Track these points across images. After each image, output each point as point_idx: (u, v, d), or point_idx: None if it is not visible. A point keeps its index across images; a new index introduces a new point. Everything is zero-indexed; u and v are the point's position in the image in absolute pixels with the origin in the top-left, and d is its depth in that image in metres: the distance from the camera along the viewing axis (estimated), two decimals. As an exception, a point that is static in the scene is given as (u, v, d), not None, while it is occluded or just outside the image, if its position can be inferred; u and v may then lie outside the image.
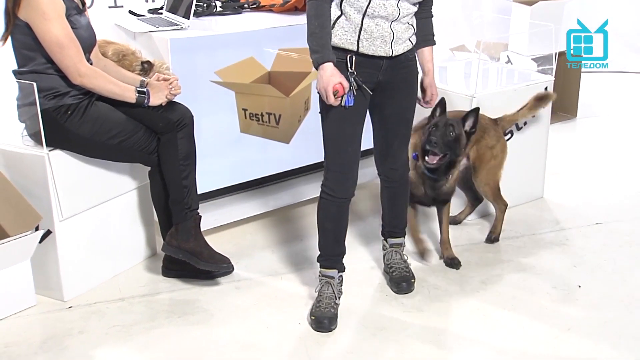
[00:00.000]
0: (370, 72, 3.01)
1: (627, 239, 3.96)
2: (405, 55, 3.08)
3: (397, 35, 2.97)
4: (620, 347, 3.01)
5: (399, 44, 3.01)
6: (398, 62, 3.06)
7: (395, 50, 3.00)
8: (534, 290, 3.44)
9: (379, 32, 2.93)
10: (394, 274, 3.43)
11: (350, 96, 2.95)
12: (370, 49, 2.95)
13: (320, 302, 3.18)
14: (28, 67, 3.12)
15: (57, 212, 3.23)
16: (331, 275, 3.23)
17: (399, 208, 3.46)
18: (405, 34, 3.01)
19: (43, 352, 2.99)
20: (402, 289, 3.39)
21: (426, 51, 3.22)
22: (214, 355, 2.97)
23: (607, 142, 5.61)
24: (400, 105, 3.18)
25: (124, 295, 3.40)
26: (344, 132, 3.06)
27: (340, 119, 3.02)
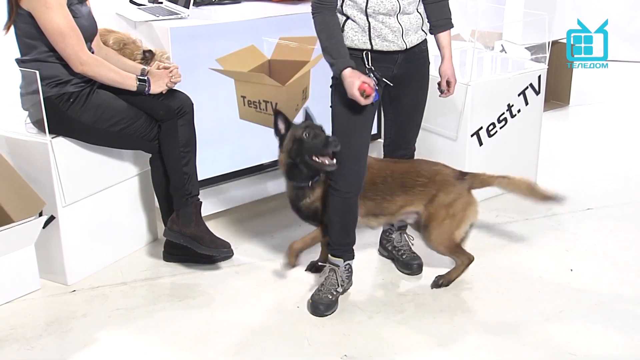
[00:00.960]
0: (386, 67, 3.00)
1: (618, 223, 3.97)
2: (419, 47, 3.06)
3: (406, 27, 2.94)
4: (610, 328, 3.03)
5: (411, 35, 2.98)
6: (412, 54, 3.04)
7: (409, 42, 2.98)
8: (526, 274, 3.46)
9: (389, 28, 2.91)
10: (403, 256, 3.45)
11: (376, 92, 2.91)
12: (384, 45, 2.94)
13: (322, 287, 3.19)
14: (30, 56, 3.12)
15: (60, 198, 3.24)
16: (336, 264, 3.22)
17: None
18: (415, 23, 2.98)
19: (47, 334, 3.00)
20: (414, 270, 3.41)
21: (442, 36, 3.14)
22: (214, 338, 2.98)
23: (599, 130, 5.62)
24: (415, 96, 3.17)
25: (126, 280, 3.41)
26: (354, 125, 3.03)
27: (352, 113, 2.99)
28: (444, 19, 3.12)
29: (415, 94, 3.17)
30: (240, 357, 2.86)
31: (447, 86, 3.21)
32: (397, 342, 2.96)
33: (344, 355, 2.86)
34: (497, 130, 4.12)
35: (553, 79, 5.50)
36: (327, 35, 2.91)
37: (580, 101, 6.13)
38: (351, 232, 3.21)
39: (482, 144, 4.08)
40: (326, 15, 2.90)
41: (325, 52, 2.92)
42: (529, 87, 4.20)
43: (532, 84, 4.21)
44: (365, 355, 2.86)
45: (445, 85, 3.21)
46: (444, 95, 3.24)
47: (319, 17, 2.91)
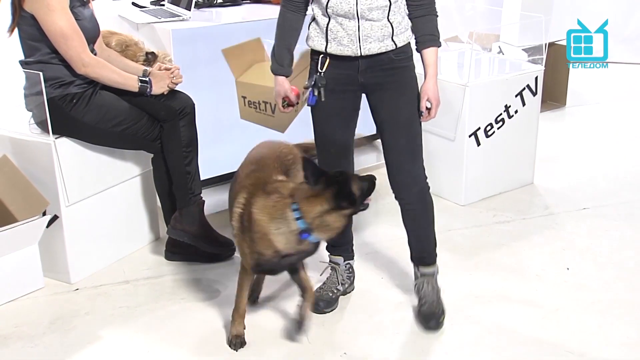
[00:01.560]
0: (348, 74, 2.84)
1: (614, 222, 3.98)
2: (389, 57, 2.80)
3: (366, 33, 2.74)
4: (606, 326, 3.03)
5: (371, 43, 2.76)
6: (379, 62, 2.81)
7: (367, 49, 2.76)
8: (524, 273, 3.46)
9: (345, 31, 2.75)
10: (423, 307, 3.03)
11: (313, 95, 2.86)
12: (338, 49, 2.78)
13: (323, 285, 3.19)
14: (34, 58, 3.12)
15: (63, 198, 3.24)
16: (336, 262, 3.20)
17: (424, 230, 3.04)
18: (378, 32, 2.74)
19: (51, 332, 3.00)
20: (431, 327, 2.99)
21: (424, 53, 2.85)
22: (216, 335, 2.97)
23: (595, 130, 5.62)
24: (394, 110, 2.88)
25: (128, 278, 3.41)
26: (323, 133, 2.98)
27: (319, 121, 2.97)
28: (427, 35, 2.84)
29: (394, 109, 2.87)
30: (242, 354, 2.86)
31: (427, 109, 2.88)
32: (396, 340, 2.96)
33: (343, 353, 2.86)
34: (495, 131, 4.12)
35: (550, 80, 5.48)
36: (279, 34, 2.91)
37: (577, 102, 6.13)
38: (347, 233, 3.13)
39: (479, 144, 4.08)
40: (287, 12, 2.88)
41: (273, 47, 2.93)
42: (526, 88, 4.21)
43: (529, 85, 4.22)
44: (364, 354, 2.86)
45: (424, 106, 2.87)
46: (423, 118, 2.90)
47: (281, 12, 2.90)
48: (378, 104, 2.91)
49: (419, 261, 3.10)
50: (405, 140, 2.91)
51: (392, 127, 2.91)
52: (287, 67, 2.93)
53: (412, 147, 2.92)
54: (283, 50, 2.90)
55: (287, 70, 2.93)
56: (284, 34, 2.90)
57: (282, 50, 2.91)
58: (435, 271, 3.10)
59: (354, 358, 2.83)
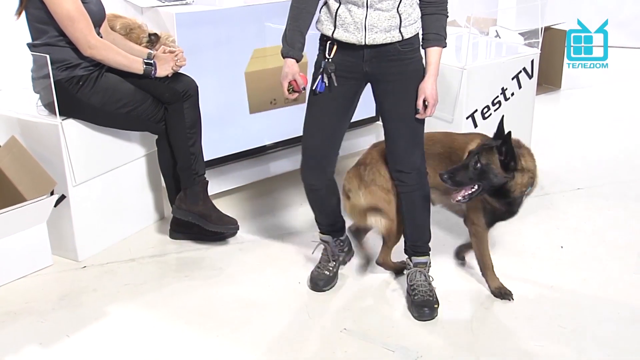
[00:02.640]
0: (353, 62, 2.79)
1: (606, 202, 3.99)
2: (395, 47, 2.76)
3: (372, 22, 2.69)
4: (598, 302, 3.05)
5: (376, 33, 2.71)
6: (385, 53, 2.77)
7: (371, 39, 2.71)
8: (519, 251, 3.47)
9: (352, 18, 2.70)
10: (415, 297, 2.97)
11: (322, 82, 2.80)
12: (344, 35, 2.73)
13: (319, 265, 3.19)
14: (41, 40, 3.11)
15: (70, 178, 3.24)
16: (326, 240, 3.17)
17: (421, 217, 3.02)
18: (384, 22, 2.70)
19: (60, 308, 3.02)
20: (424, 315, 2.93)
21: (427, 52, 2.80)
22: (219, 311, 2.99)
23: (589, 112, 5.62)
24: (398, 100, 2.85)
25: (134, 256, 3.42)
26: (314, 117, 2.90)
27: (313, 104, 2.89)
28: (432, 34, 2.79)
29: (398, 99, 2.84)
30: (244, 330, 2.88)
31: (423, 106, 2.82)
32: (394, 315, 2.98)
33: (343, 328, 2.87)
34: (492, 113, 4.12)
35: (545, 63, 5.48)
36: (293, 15, 2.81)
37: (572, 85, 6.11)
38: (331, 215, 3.11)
39: (476, 126, 4.07)
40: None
41: (285, 29, 2.84)
42: (522, 71, 4.20)
43: (525, 68, 4.21)
44: (363, 329, 2.88)
45: (420, 104, 2.81)
46: (419, 115, 2.83)
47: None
48: (382, 95, 2.88)
49: (413, 250, 3.06)
50: (407, 130, 2.89)
51: (395, 118, 2.88)
52: (298, 50, 2.81)
53: (413, 136, 2.90)
54: (295, 32, 2.81)
55: (298, 53, 2.81)
56: (297, 15, 2.80)
57: (294, 32, 2.81)
58: (428, 262, 3.06)
59: (354, 333, 2.85)
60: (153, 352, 2.75)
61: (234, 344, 2.79)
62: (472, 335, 2.85)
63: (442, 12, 2.80)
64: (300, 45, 2.82)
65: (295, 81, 2.83)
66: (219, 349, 2.76)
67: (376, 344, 2.78)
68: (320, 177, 2.98)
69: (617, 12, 7.23)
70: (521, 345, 2.78)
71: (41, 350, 2.76)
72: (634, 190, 4.16)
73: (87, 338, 2.84)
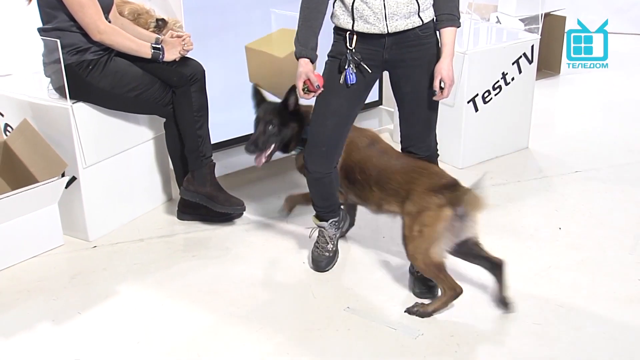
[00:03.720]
0: (373, 50, 2.76)
1: (603, 185, 3.99)
2: (415, 33, 2.73)
3: (392, 10, 2.66)
4: (595, 283, 3.06)
5: (397, 20, 2.68)
6: (405, 39, 2.73)
7: (393, 27, 2.69)
8: (519, 232, 3.48)
9: (371, 9, 2.67)
10: (418, 273, 2.95)
11: (351, 74, 2.76)
12: (365, 27, 2.70)
13: (318, 245, 3.18)
14: (52, 25, 3.10)
15: (80, 160, 3.25)
16: (322, 225, 3.15)
17: None
18: (404, 8, 2.67)
19: (71, 286, 3.04)
20: (424, 292, 2.94)
21: (442, 32, 2.76)
22: (225, 290, 3.01)
23: (587, 97, 5.60)
24: (417, 85, 2.82)
25: (143, 236, 3.44)
26: (327, 106, 2.84)
27: (329, 92, 2.82)
28: (445, 14, 2.75)
29: (417, 84, 2.82)
30: (250, 308, 2.89)
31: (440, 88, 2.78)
32: (396, 295, 2.98)
33: (346, 307, 2.89)
34: (492, 97, 4.11)
35: (545, 49, 5.46)
36: (305, 16, 2.78)
37: (570, 70, 6.09)
38: (329, 198, 3.07)
39: (477, 110, 4.07)
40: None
41: (297, 31, 2.81)
42: (523, 57, 4.19)
43: (525, 53, 4.20)
44: (366, 308, 2.89)
45: (437, 85, 2.77)
46: (436, 97, 2.80)
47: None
48: (402, 80, 2.84)
49: None
50: (424, 114, 2.88)
51: (414, 102, 2.86)
52: (311, 50, 2.78)
53: (429, 120, 2.92)
54: (308, 33, 2.78)
55: (311, 53, 2.78)
56: (309, 15, 2.78)
57: (307, 33, 2.78)
58: None
59: (356, 311, 2.86)
60: (161, 329, 2.77)
61: (240, 321, 2.81)
62: (471, 314, 2.86)
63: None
64: (314, 45, 2.80)
65: (310, 80, 2.78)
66: (226, 326, 2.78)
67: (378, 322, 2.80)
68: (326, 166, 2.93)
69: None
70: (520, 322, 2.79)
71: (54, 326, 2.78)
72: (631, 173, 4.15)
73: (98, 315, 2.86)
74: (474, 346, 2.68)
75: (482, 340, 2.71)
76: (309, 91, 2.81)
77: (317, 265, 3.15)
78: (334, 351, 2.65)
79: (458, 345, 2.67)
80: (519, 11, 5.17)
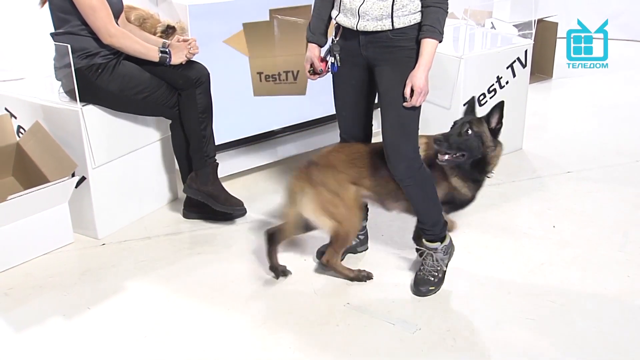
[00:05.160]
0: (353, 45, 2.79)
1: (594, 185, 4.00)
2: (386, 35, 2.70)
3: (364, 10, 2.67)
4: (587, 279, 3.07)
5: (367, 20, 2.69)
6: (377, 39, 2.72)
7: (362, 26, 2.70)
8: (513, 230, 3.48)
9: (350, 4, 2.71)
10: (418, 273, 2.99)
11: (332, 63, 2.86)
12: (343, 19, 2.76)
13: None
14: (64, 29, 3.12)
15: (90, 161, 3.26)
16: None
17: (419, 205, 2.91)
18: (377, 10, 2.66)
19: (81, 282, 3.05)
20: (418, 292, 2.95)
21: (421, 43, 2.69)
22: (229, 287, 3.02)
23: (579, 100, 5.61)
24: (385, 87, 2.77)
25: (150, 234, 3.45)
26: (337, 99, 2.97)
27: (335, 86, 2.96)
28: (426, 25, 2.67)
29: (386, 85, 2.76)
30: (253, 303, 2.91)
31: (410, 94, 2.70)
32: (396, 291, 2.99)
33: (347, 303, 2.90)
34: (487, 100, 4.12)
35: (538, 53, 5.47)
36: (315, 5, 2.90)
37: (563, 74, 6.10)
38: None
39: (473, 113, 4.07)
40: None
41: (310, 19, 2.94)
42: (517, 61, 4.20)
43: (519, 57, 4.21)
44: (365, 304, 2.90)
45: (407, 92, 2.69)
46: (405, 103, 2.71)
47: None
48: (377, 79, 2.82)
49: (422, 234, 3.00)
50: (394, 116, 2.76)
51: (385, 103, 2.80)
52: (319, 36, 2.90)
53: (402, 124, 2.76)
54: (318, 20, 2.89)
55: (319, 38, 2.90)
56: (317, 2, 2.89)
57: (316, 20, 2.90)
58: (439, 248, 2.98)
59: (356, 308, 2.87)
60: (167, 323, 2.78)
61: (243, 316, 2.82)
62: (468, 310, 2.87)
63: (438, 5, 2.67)
64: (322, 31, 2.90)
65: (314, 64, 2.92)
66: (229, 321, 2.79)
67: (378, 318, 2.81)
68: None
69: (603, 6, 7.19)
70: (514, 318, 2.80)
71: (64, 320, 2.80)
72: (620, 173, 4.16)
73: (107, 310, 2.87)
74: (469, 340, 2.69)
75: (477, 334, 2.72)
76: (314, 73, 2.95)
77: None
78: (335, 345, 2.66)
79: (454, 339, 2.68)
80: (513, 17, 5.18)
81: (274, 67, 3.98)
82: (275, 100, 4.03)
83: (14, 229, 3.10)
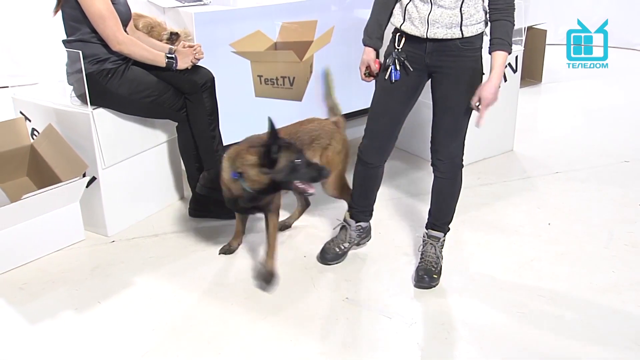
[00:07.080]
0: (417, 53, 2.76)
1: (582, 185, 4.01)
2: (455, 44, 2.70)
3: (434, 18, 2.66)
4: (575, 274, 3.08)
5: (438, 28, 2.67)
6: (445, 47, 2.71)
7: (432, 33, 2.68)
8: (504, 228, 3.49)
9: (418, 13, 2.68)
10: (420, 264, 3.02)
11: (395, 71, 2.79)
12: (410, 28, 2.72)
13: (334, 239, 3.18)
14: (75, 36, 3.12)
15: (100, 161, 3.26)
16: (348, 223, 3.16)
17: (443, 203, 3.02)
18: (447, 19, 2.65)
19: (92, 277, 3.06)
20: (423, 281, 2.96)
21: (492, 56, 2.71)
22: (233, 282, 3.03)
23: (567, 104, 5.62)
24: (445, 93, 2.79)
25: (157, 232, 3.45)
26: (379, 102, 2.90)
27: (380, 90, 2.89)
28: (496, 39, 2.68)
29: (445, 92, 2.79)
30: (256, 298, 2.91)
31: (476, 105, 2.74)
32: (391, 287, 3.00)
33: (345, 297, 2.90)
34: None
35: (528, 59, 5.49)
36: (373, 10, 2.88)
37: (551, 79, 6.11)
38: (369, 197, 3.12)
39: (466, 116, 4.08)
40: None
41: (367, 23, 2.90)
42: (507, 66, 4.20)
43: (510, 63, 4.21)
44: (363, 298, 2.91)
45: (474, 103, 2.74)
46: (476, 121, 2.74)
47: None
48: (436, 85, 2.82)
49: (431, 226, 3.07)
50: (450, 122, 2.83)
51: (442, 108, 2.83)
52: (375, 40, 2.87)
53: (454, 129, 2.84)
54: (374, 24, 2.87)
55: (375, 42, 2.87)
56: (378, 9, 2.86)
57: (373, 24, 2.87)
58: (442, 239, 3.06)
59: (354, 302, 2.88)
60: (174, 317, 2.79)
61: (247, 310, 2.82)
62: (461, 304, 2.88)
63: (506, 19, 2.69)
64: (378, 35, 2.88)
65: (370, 67, 2.90)
66: (233, 315, 2.79)
67: (375, 312, 2.81)
68: (380, 157, 2.99)
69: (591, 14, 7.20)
70: (505, 312, 2.81)
71: (76, 314, 2.80)
72: (606, 173, 4.17)
73: (116, 304, 2.88)
74: (462, 333, 2.70)
75: (470, 327, 2.73)
76: (369, 75, 2.93)
77: (323, 258, 3.14)
78: (334, 338, 2.66)
79: (448, 332, 2.69)
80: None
81: (273, 72, 3.99)
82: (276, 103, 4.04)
83: (28, 226, 3.10)
